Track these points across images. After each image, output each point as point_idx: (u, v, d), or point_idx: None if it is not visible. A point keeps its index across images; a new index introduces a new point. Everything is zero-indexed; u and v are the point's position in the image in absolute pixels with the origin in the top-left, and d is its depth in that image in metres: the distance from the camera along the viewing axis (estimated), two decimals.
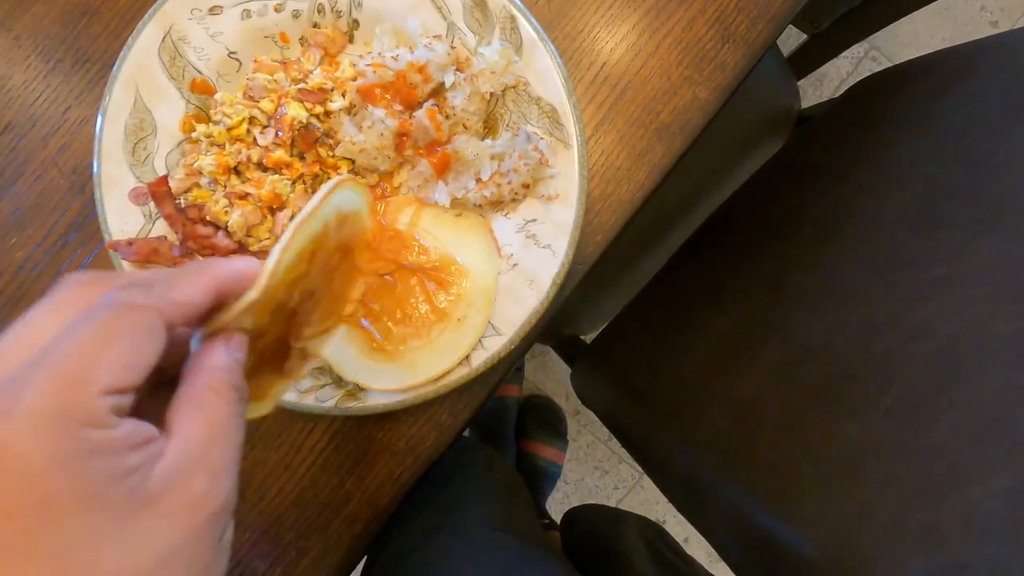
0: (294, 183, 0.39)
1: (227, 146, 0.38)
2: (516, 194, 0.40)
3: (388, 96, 0.39)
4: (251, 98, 0.39)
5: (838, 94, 1.41)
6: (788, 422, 0.35)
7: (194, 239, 0.38)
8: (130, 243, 0.37)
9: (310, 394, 0.39)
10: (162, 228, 0.39)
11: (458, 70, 0.39)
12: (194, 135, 0.39)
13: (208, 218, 0.39)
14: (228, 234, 0.39)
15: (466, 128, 0.40)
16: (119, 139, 0.38)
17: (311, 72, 0.39)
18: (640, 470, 1.32)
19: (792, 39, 1.18)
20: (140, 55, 0.38)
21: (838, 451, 0.31)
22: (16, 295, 0.42)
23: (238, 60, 0.40)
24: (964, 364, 0.31)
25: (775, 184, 0.62)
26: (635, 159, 0.43)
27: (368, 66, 0.38)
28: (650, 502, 1.30)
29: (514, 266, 0.40)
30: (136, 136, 0.39)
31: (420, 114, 0.39)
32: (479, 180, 0.39)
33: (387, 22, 0.40)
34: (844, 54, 1.31)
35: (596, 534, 0.54)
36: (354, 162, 0.40)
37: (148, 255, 0.38)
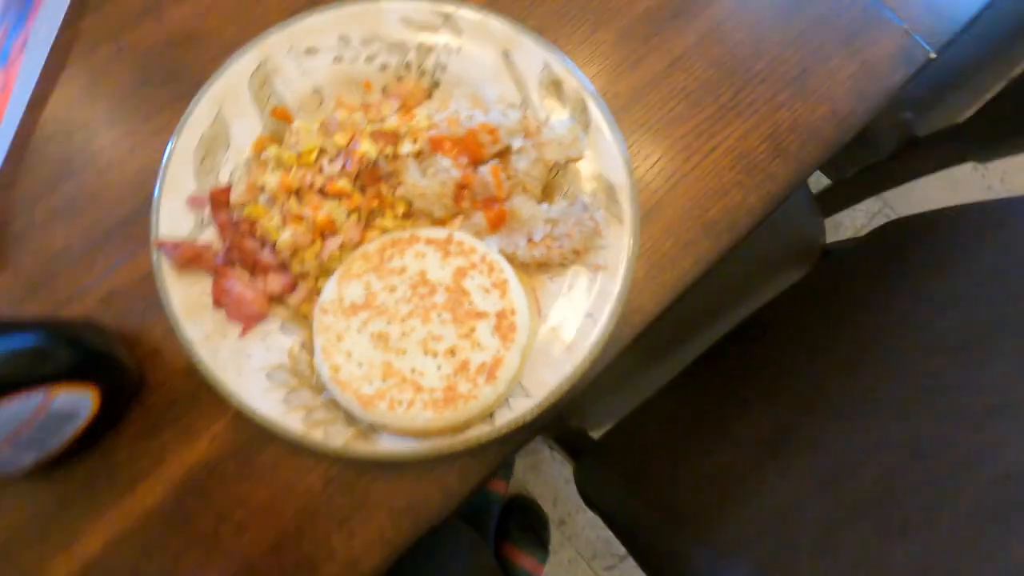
0: (350, 213, 0.39)
1: (294, 169, 0.39)
2: (565, 259, 0.40)
3: (456, 149, 0.40)
4: (326, 131, 0.41)
5: (861, 232, 1.47)
6: (831, 534, 0.32)
7: (240, 251, 0.38)
8: (177, 245, 0.37)
9: (319, 427, 0.37)
10: (209, 238, 0.39)
11: (526, 137, 0.41)
12: (264, 156, 0.40)
13: (258, 233, 0.39)
14: (274, 252, 0.39)
15: (525, 190, 0.41)
16: (192, 147, 0.40)
17: (388, 117, 0.41)
18: None
19: (815, 183, 1.25)
20: (233, 77, 0.41)
21: (889, 569, 0.28)
22: (42, 280, 0.41)
23: (321, 97, 0.42)
24: None
25: (804, 306, 0.62)
26: (681, 248, 0.44)
27: (443, 120, 0.40)
28: None
29: (552, 329, 0.39)
30: (209, 147, 0.40)
31: (484, 170, 0.40)
32: (530, 240, 0.40)
33: (467, 87, 0.43)
34: (859, 207, 1.39)
35: None
36: (411, 204, 0.41)
37: (191, 258, 0.37)
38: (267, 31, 0.41)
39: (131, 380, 0.38)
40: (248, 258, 0.38)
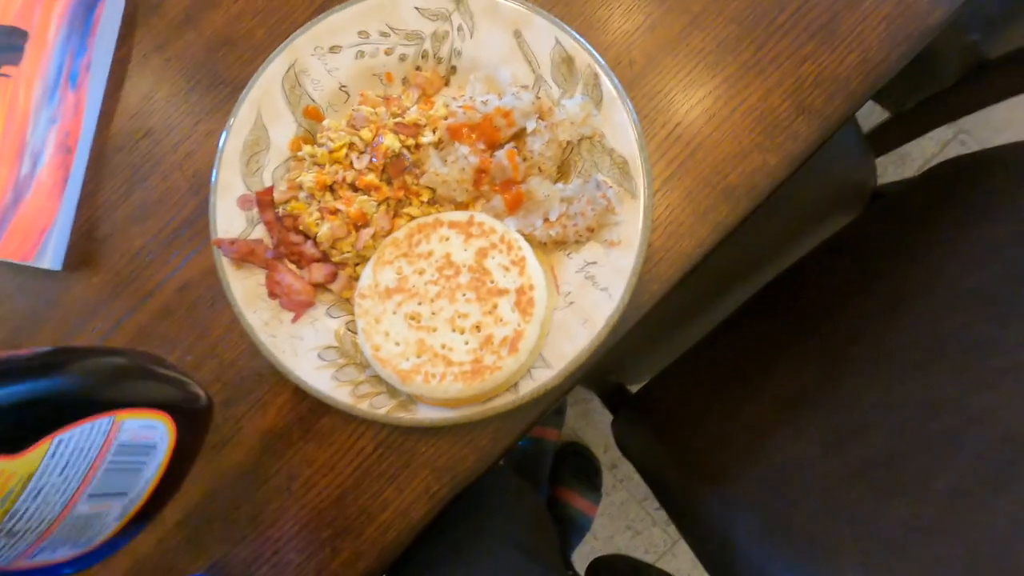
0: (379, 205, 0.43)
1: (327, 166, 0.43)
2: (580, 236, 0.42)
3: (474, 135, 0.42)
4: (353, 127, 0.44)
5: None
6: (834, 494, 0.34)
7: (286, 245, 0.43)
8: (232, 242, 0.42)
9: (365, 399, 0.42)
10: (259, 233, 0.44)
11: (540, 118, 0.42)
12: (300, 154, 0.44)
13: (300, 228, 0.43)
14: (315, 244, 0.43)
15: (541, 171, 0.43)
16: (238, 151, 0.44)
17: (408, 108, 0.44)
18: (673, 537, 1.26)
19: (876, 115, 1.17)
20: (266, 82, 0.44)
21: (884, 528, 0.30)
22: (130, 277, 0.48)
23: (347, 93, 0.45)
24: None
25: (842, 256, 0.61)
26: (699, 216, 0.45)
27: (459, 107, 0.42)
28: (680, 573, 1.24)
29: (570, 304, 0.42)
30: (252, 150, 0.44)
31: (500, 154, 0.42)
32: (547, 220, 0.42)
33: (482, 70, 0.44)
34: (931, 135, 1.28)
35: None
36: (434, 191, 0.44)
37: (246, 254, 0.42)
38: (293, 34, 0.44)
39: (203, 406, 0.34)
40: (294, 251, 0.43)
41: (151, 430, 0.29)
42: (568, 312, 0.41)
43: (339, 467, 0.45)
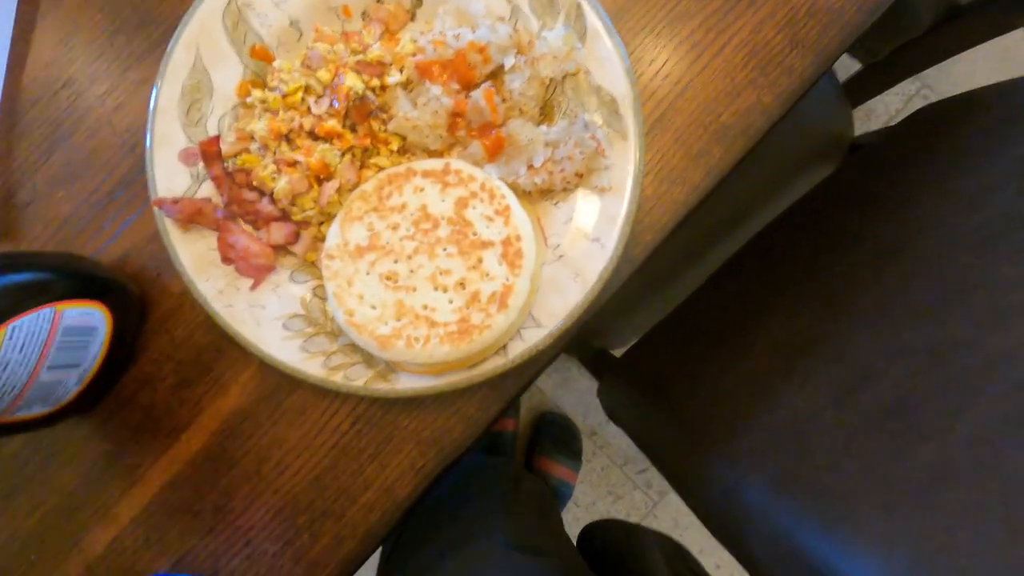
0: (343, 154, 0.38)
1: (281, 113, 0.38)
2: (568, 183, 0.38)
3: (446, 74, 0.38)
4: (309, 67, 0.39)
5: (893, 121, 1.38)
6: (847, 444, 0.33)
7: (239, 203, 0.38)
8: (175, 201, 0.37)
9: (339, 371, 0.38)
10: (207, 191, 0.39)
11: (519, 53, 0.38)
12: (249, 100, 0.39)
13: (255, 183, 0.38)
14: (273, 201, 0.38)
15: (522, 113, 0.39)
16: (175, 98, 0.38)
17: (371, 46, 0.39)
18: (654, 500, 1.27)
19: (845, 68, 1.16)
20: (204, 17, 0.38)
21: (905, 476, 0.29)
22: (57, 248, 0.42)
23: (299, 30, 0.40)
24: None
25: (829, 205, 0.59)
26: (692, 159, 0.42)
27: (429, 42, 0.38)
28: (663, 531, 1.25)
29: (560, 257, 0.38)
30: (192, 97, 0.39)
31: (477, 95, 0.38)
32: (531, 166, 0.38)
33: (451, 2, 0.39)
34: (894, 90, 1.28)
35: (616, 548, 0.51)
36: (405, 138, 0.39)
37: (192, 215, 0.37)
38: None
39: (133, 297, 0.40)
40: (248, 210, 0.38)
41: (89, 316, 0.37)
42: (558, 266, 0.38)
43: (313, 446, 0.41)
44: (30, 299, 0.33)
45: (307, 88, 0.38)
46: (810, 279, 0.49)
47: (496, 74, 0.39)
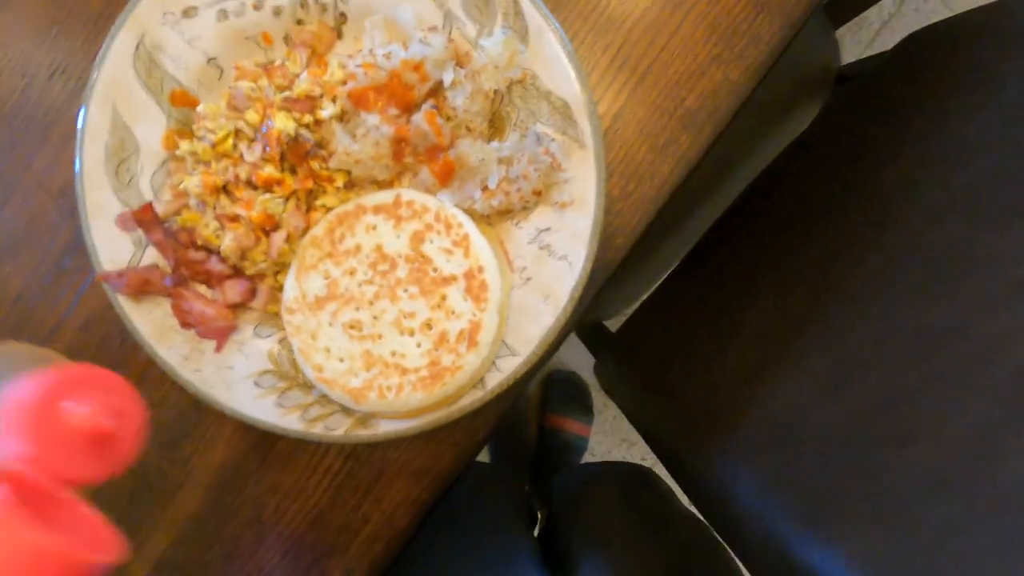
0: (287, 200, 0.36)
1: (213, 164, 0.36)
2: (527, 202, 0.36)
3: (382, 100, 0.35)
4: (235, 108, 0.36)
5: (879, 38, 1.29)
6: (837, 444, 0.32)
7: (187, 265, 0.36)
8: (120, 275, 0.35)
9: (318, 423, 0.37)
10: (154, 254, 0.37)
11: (458, 65, 0.35)
12: (178, 152, 0.36)
13: (200, 242, 0.36)
14: (222, 259, 0.36)
15: (469, 130, 0.36)
16: (100, 162, 0.36)
17: (297, 76, 0.36)
18: None
19: None
20: (114, 68, 0.35)
21: (898, 483, 0.28)
22: (17, 325, 0.41)
23: (219, 67, 0.37)
24: None
25: (815, 159, 0.56)
26: (658, 152, 0.39)
27: (358, 67, 0.35)
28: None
29: (528, 280, 0.37)
30: (118, 157, 0.36)
31: (418, 118, 0.35)
32: (486, 188, 0.36)
33: (377, 13, 0.36)
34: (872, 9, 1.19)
35: (567, 503, 0.53)
36: (350, 174, 0.37)
37: (140, 286, 0.36)
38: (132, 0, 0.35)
39: None
40: (198, 271, 0.36)
41: None
42: (527, 289, 0.37)
43: (308, 489, 0.41)
44: None
45: (237, 133, 0.36)
46: (796, 253, 0.47)
47: (436, 91, 0.36)
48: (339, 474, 0.41)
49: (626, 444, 1.32)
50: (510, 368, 0.37)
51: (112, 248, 0.36)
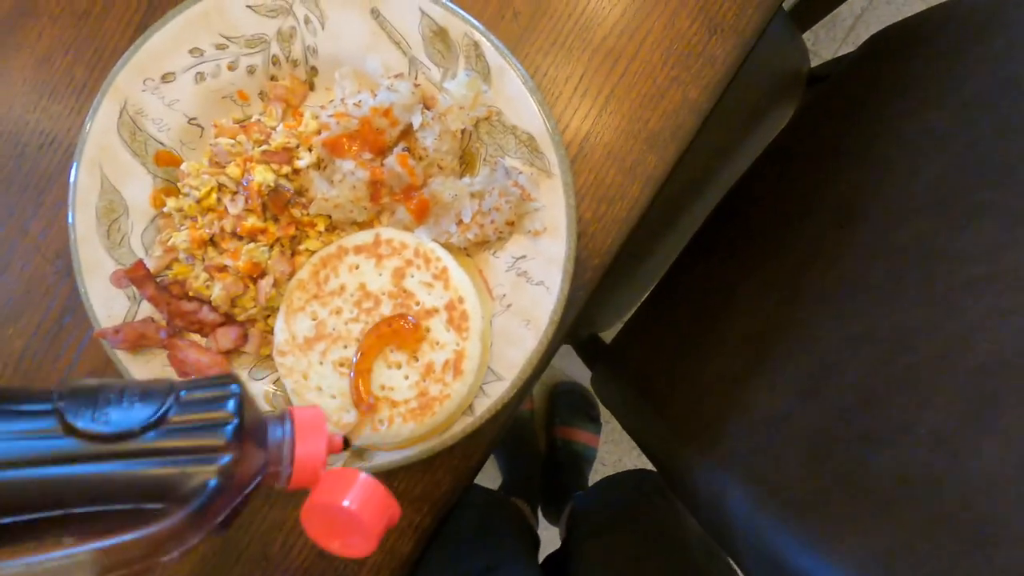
0: (271, 247, 0.38)
1: (199, 218, 0.37)
2: (501, 232, 0.38)
3: (356, 146, 0.37)
4: (217, 164, 0.37)
5: (852, 34, 1.31)
6: (818, 446, 0.33)
7: (180, 316, 0.38)
8: (117, 331, 0.37)
9: None
10: (149, 309, 0.39)
11: (426, 108, 0.37)
12: (166, 209, 0.38)
13: (191, 293, 0.38)
14: (213, 308, 0.38)
15: (441, 168, 0.38)
16: (92, 224, 0.38)
17: (273, 130, 0.37)
18: None
19: None
20: (99, 135, 0.37)
21: (871, 482, 0.29)
22: (22, 384, 0.42)
23: (199, 126, 0.38)
24: (1009, 383, 0.28)
25: (787, 164, 0.58)
26: (626, 173, 0.41)
27: (331, 117, 0.36)
28: None
29: (508, 307, 0.38)
30: (108, 218, 0.38)
31: (391, 161, 0.37)
32: (461, 222, 0.37)
33: (346, 65, 0.38)
34: (840, 12, 1.21)
35: (578, 526, 0.54)
36: (331, 217, 0.38)
37: (137, 340, 0.37)
38: (112, 71, 0.37)
39: None
40: (192, 320, 0.38)
41: None
42: (508, 316, 0.38)
43: None
44: None
45: (220, 187, 0.37)
46: (774, 258, 0.48)
47: (407, 133, 0.38)
48: None
49: (636, 451, 1.31)
50: (497, 393, 0.38)
51: (108, 305, 0.38)
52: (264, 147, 0.37)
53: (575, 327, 0.79)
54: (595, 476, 1.31)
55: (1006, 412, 0.27)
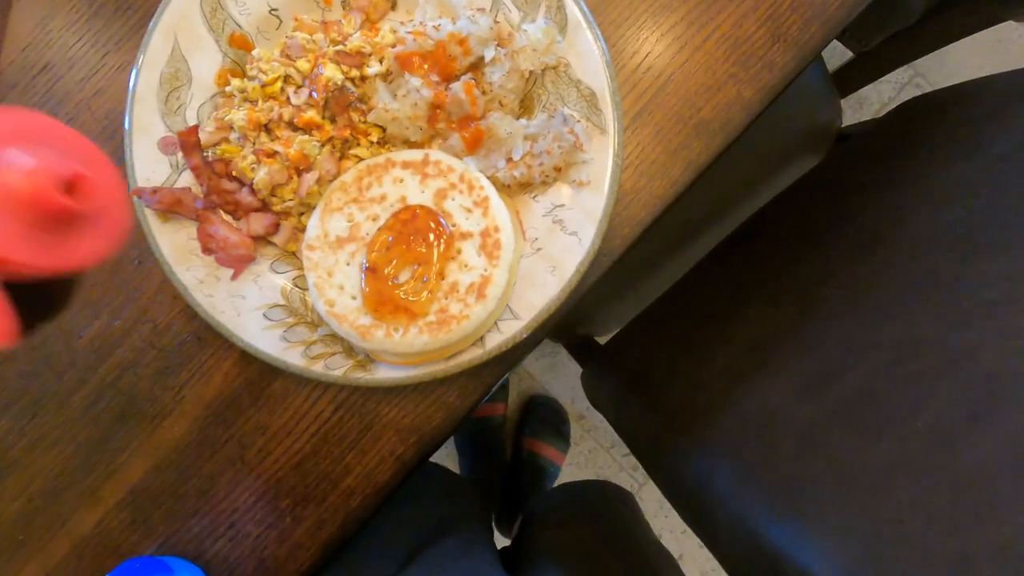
0: (323, 145, 0.38)
1: (260, 103, 0.38)
2: (547, 177, 0.39)
3: (426, 66, 0.38)
4: (288, 57, 0.38)
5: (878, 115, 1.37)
6: (812, 436, 0.34)
7: (218, 193, 0.38)
8: (154, 191, 0.37)
9: (319, 360, 0.38)
10: (187, 180, 0.39)
11: (499, 46, 0.38)
12: (228, 89, 0.39)
13: (234, 174, 0.38)
14: (253, 191, 0.38)
15: (502, 105, 0.39)
16: (153, 87, 0.38)
17: (350, 35, 0.39)
18: (640, 482, 1.30)
19: (837, 57, 1.15)
20: (182, 4, 0.38)
21: (865, 468, 0.30)
22: None
23: (278, 17, 0.39)
24: (1006, 393, 0.29)
25: (810, 198, 0.60)
26: (671, 154, 0.42)
27: (408, 33, 0.38)
28: (647, 514, 1.28)
29: (538, 251, 0.39)
30: (171, 85, 0.38)
31: (456, 87, 0.38)
32: (510, 160, 0.39)
33: None
34: (887, 78, 1.28)
35: (539, 517, 0.54)
36: (384, 130, 0.39)
37: (171, 205, 0.37)
38: None
39: None
40: (228, 200, 0.38)
41: None
42: (536, 259, 0.39)
43: (296, 433, 0.42)
44: None
45: (286, 78, 0.38)
46: (788, 272, 0.50)
47: (476, 66, 0.39)
48: (328, 421, 0.42)
49: (600, 479, 1.31)
50: (510, 331, 0.38)
51: (149, 168, 0.38)
52: (339, 47, 0.38)
53: (572, 325, 0.79)
54: None
55: (1008, 415, 0.28)
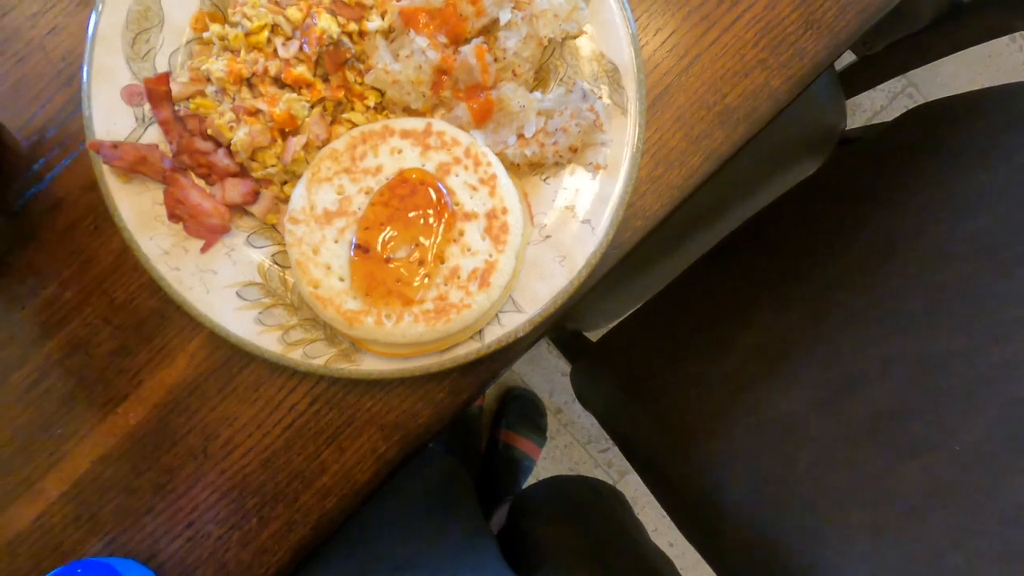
0: (312, 106, 0.34)
1: (243, 53, 0.34)
2: (560, 157, 0.35)
3: (433, 25, 0.34)
4: (277, 3, 0.34)
5: (877, 117, 1.37)
6: (832, 452, 0.31)
7: (189, 153, 0.34)
8: (115, 146, 0.32)
9: (298, 347, 0.34)
10: (154, 136, 0.34)
11: (516, 8, 0.35)
12: (206, 35, 0.34)
13: (209, 132, 0.34)
14: (229, 154, 0.34)
15: (515, 75, 0.35)
16: (119, 26, 0.33)
17: None
18: (615, 479, 1.29)
19: (839, 59, 1.14)
20: None
21: (898, 492, 0.27)
22: None
23: None
24: None
25: (819, 201, 0.58)
26: (691, 141, 0.39)
27: None
28: None
29: (546, 238, 0.35)
30: (139, 26, 0.34)
31: (467, 50, 0.34)
32: (521, 136, 0.35)
33: None
34: (881, 87, 1.28)
35: (527, 512, 0.52)
36: (383, 94, 0.35)
37: (135, 163, 0.33)
38: None
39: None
40: (201, 162, 0.34)
41: None
42: (544, 247, 0.35)
43: (267, 426, 0.38)
44: None
45: (274, 27, 0.34)
46: (797, 278, 0.47)
47: (489, 29, 0.35)
48: (304, 414, 0.38)
49: (574, 473, 1.29)
50: (512, 324, 0.35)
51: (111, 119, 0.34)
52: None
53: (562, 318, 0.76)
54: (528, 490, 1.27)
55: None
